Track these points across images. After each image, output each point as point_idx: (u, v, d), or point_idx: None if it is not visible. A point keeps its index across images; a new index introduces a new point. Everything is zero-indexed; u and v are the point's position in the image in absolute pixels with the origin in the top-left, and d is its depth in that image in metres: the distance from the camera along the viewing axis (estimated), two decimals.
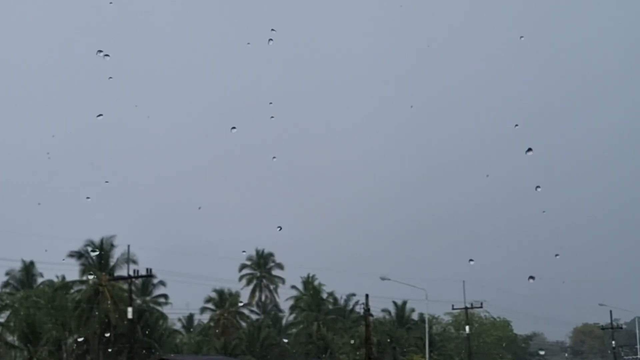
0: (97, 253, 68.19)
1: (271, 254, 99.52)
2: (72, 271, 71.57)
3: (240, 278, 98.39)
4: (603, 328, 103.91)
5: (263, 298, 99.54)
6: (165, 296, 78.39)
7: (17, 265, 77.28)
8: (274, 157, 25.53)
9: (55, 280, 75.47)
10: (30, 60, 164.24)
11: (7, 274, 76.63)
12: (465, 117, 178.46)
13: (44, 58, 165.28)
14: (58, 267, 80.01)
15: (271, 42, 20.70)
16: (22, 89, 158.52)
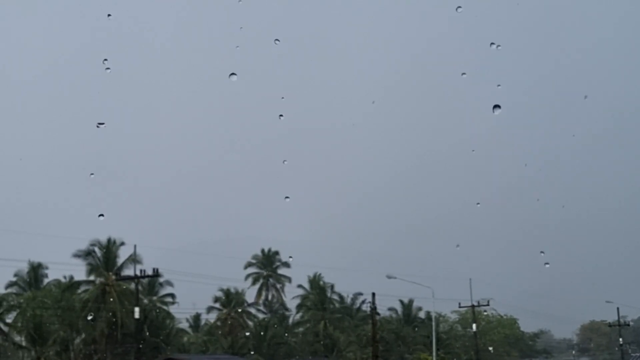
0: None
1: (277, 253, 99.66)
2: (80, 271, 71.79)
3: (247, 277, 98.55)
4: (610, 325, 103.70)
5: (269, 297, 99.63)
6: (172, 295, 78.52)
7: (24, 266, 77.46)
8: (285, 161, 25.26)
9: (63, 280, 75.53)
10: (36, 68, 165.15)
11: (15, 275, 76.82)
12: (469, 115, 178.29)
13: (48, 67, 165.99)
14: (66, 267, 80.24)
15: (278, 42, 20.60)
16: (29, 94, 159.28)
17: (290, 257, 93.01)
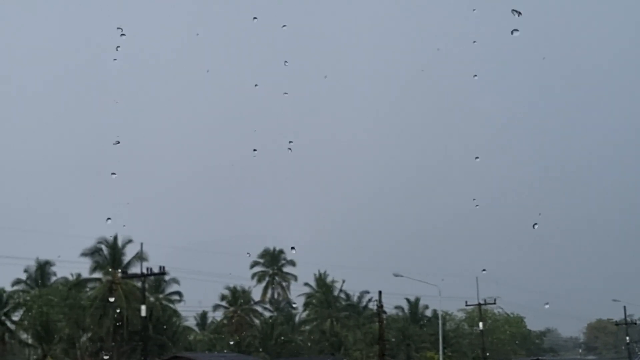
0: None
1: (282, 251, 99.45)
2: (87, 269, 71.77)
3: (253, 276, 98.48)
4: (617, 324, 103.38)
5: (275, 295, 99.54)
6: (178, 293, 78.45)
7: (32, 264, 77.54)
8: (291, 142, 24.46)
9: (70, 278, 75.55)
10: (52, 67, 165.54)
11: (25, 271, 76.87)
12: (475, 117, 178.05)
13: (61, 65, 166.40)
14: (74, 265, 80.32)
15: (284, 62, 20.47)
16: (34, 94, 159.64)
17: (293, 248, 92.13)
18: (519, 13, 12.95)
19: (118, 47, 17.97)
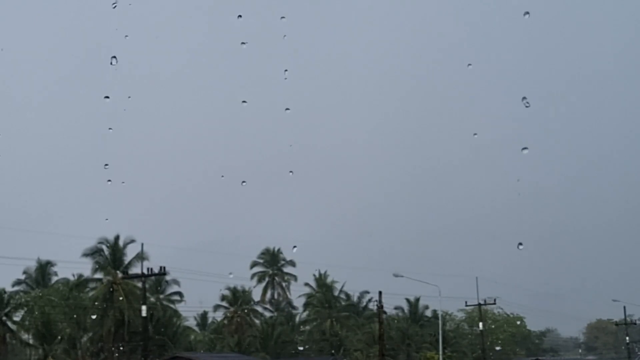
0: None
1: (280, 252, 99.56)
2: (89, 270, 71.82)
3: (252, 276, 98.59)
4: (617, 324, 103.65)
5: (275, 295, 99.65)
6: (179, 294, 78.52)
7: (33, 264, 77.63)
8: (291, 172, 25.02)
9: (72, 278, 75.60)
10: (52, 68, 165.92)
11: (24, 272, 76.94)
12: (477, 122, 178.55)
13: (62, 66, 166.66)
14: (75, 265, 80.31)
15: (285, 37, 20.55)
16: (37, 94, 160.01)
17: (295, 247, 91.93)
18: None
19: (113, 58, 17.90)
